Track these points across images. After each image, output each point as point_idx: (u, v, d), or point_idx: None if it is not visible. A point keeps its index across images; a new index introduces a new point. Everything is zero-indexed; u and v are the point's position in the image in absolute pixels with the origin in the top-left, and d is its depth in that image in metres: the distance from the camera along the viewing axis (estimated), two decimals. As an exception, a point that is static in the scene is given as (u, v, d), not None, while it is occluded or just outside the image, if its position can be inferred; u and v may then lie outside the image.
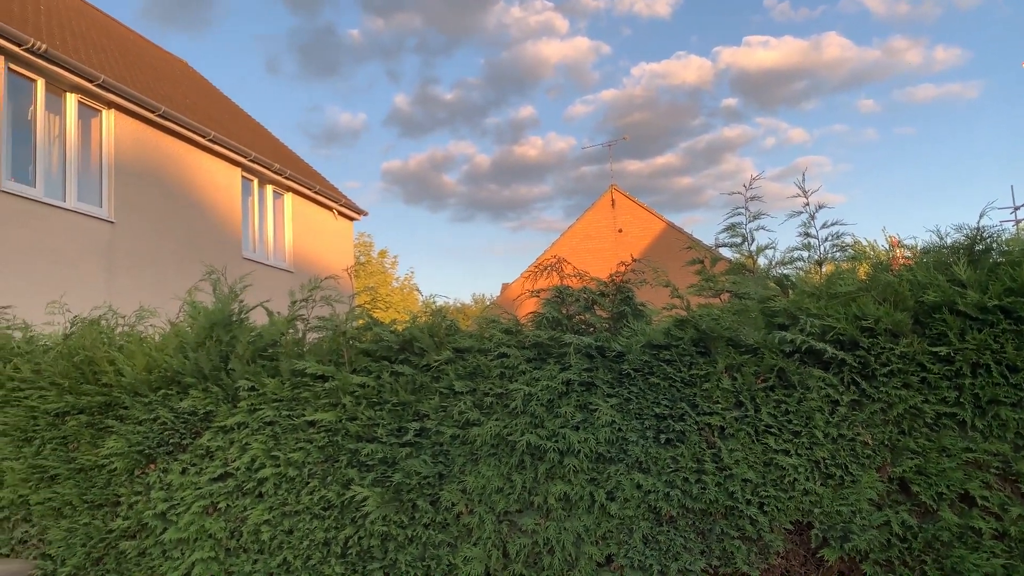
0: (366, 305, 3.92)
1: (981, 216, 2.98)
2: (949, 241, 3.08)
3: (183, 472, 3.90)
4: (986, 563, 2.72)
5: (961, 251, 3.01)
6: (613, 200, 24.58)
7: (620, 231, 23.89)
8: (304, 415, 3.67)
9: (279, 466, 3.68)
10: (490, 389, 3.44)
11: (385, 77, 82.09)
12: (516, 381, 3.40)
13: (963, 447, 2.81)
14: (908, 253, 3.37)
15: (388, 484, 3.50)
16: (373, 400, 3.60)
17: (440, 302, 4.67)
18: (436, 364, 3.56)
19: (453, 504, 3.42)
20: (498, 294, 26.55)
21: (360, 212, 18.64)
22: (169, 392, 3.98)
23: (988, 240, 2.98)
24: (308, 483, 3.64)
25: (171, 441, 3.95)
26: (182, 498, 3.84)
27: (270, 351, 3.93)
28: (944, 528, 2.79)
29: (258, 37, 74.40)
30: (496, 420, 3.38)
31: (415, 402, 3.55)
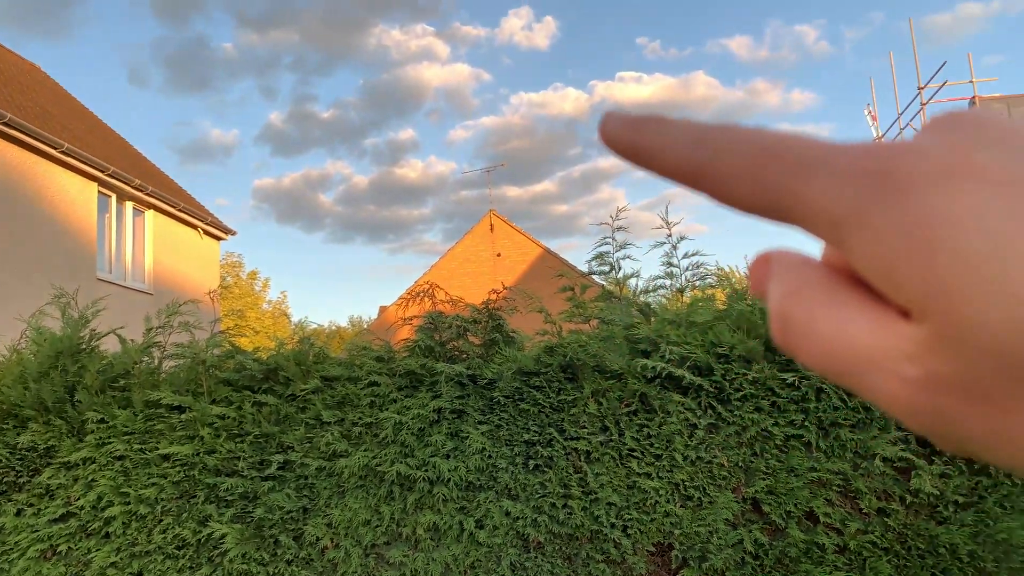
0: (231, 330, 3.76)
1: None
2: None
3: (18, 514, 3.58)
4: (829, 576, 2.89)
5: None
6: (492, 225, 24.81)
7: (499, 255, 24.11)
8: (158, 448, 3.46)
9: (129, 503, 3.45)
10: (359, 418, 3.36)
11: (259, 93, 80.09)
12: (387, 410, 3.34)
13: (808, 467, 2.99)
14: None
15: (249, 520, 3.35)
16: (233, 432, 3.44)
17: (312, 326, 4.55)
18: (303, 393, 3.45)
19: (318, 539, 3.30)
20: (375, 316, 26.16)
21: (228, 231, 17.96)
22: (4, 426, 3.65)
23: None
24: (161, 520, 3.42)
25: (5, 480, 3.62)
26: (16, 542, 3.52)
27: (122, 381, 3.68)
28: (792, 544, 2.95)
29: (121, 45, 70.78)
30: (365, 451, 3.31)
31: (279, 433, 3.42)
